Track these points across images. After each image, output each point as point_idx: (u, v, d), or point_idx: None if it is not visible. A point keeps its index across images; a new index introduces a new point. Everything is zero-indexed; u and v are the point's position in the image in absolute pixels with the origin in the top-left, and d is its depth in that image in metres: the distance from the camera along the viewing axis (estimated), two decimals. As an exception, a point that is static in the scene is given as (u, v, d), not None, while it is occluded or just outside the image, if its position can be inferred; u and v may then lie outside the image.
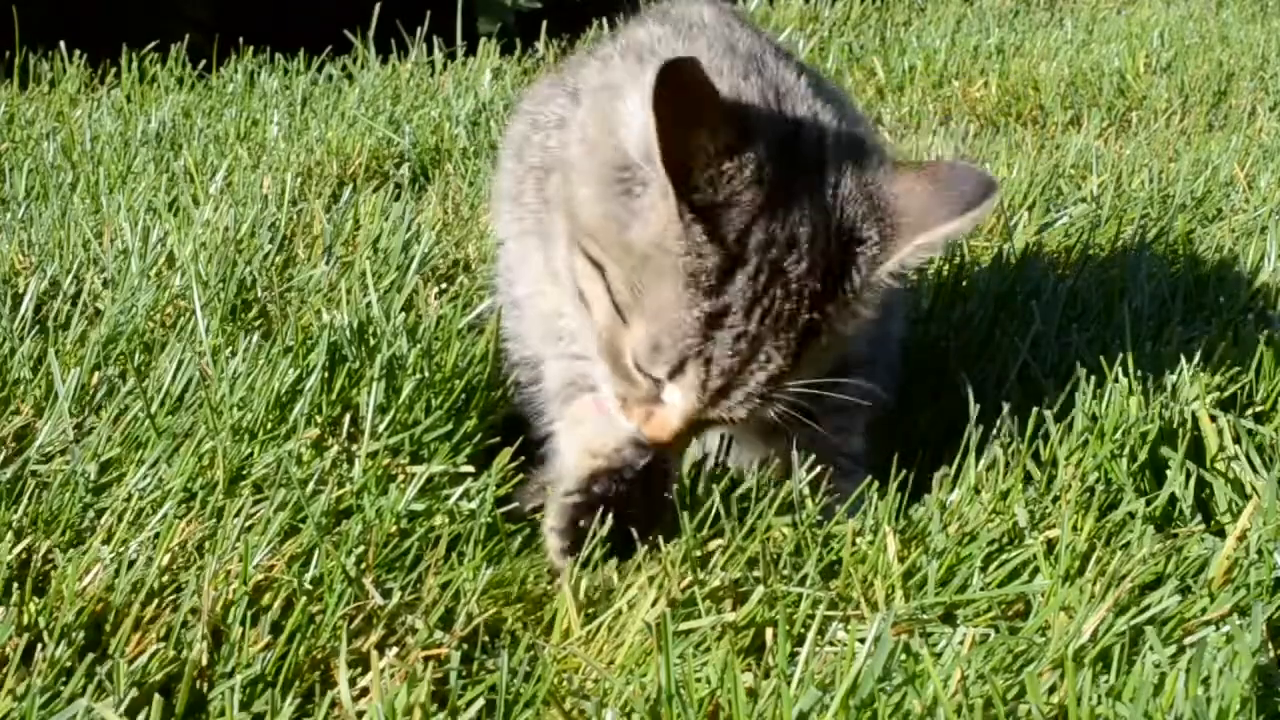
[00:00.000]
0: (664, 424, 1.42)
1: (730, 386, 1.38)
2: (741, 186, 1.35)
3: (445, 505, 1.53)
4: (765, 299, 1.35)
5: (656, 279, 1.36)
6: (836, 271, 1.37)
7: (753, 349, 1.36)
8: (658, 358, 1.37)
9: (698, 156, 1.33)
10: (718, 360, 1.36)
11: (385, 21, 3.88)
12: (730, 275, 1.35)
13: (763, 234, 1.35)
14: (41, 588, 1.39)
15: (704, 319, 1.35)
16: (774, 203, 1.35)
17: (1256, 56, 4.08)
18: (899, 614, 1.35)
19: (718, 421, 1.43)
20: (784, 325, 1.36)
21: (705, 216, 1.34)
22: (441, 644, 1.32)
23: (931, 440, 1.67)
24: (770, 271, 1.35)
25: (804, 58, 3.89)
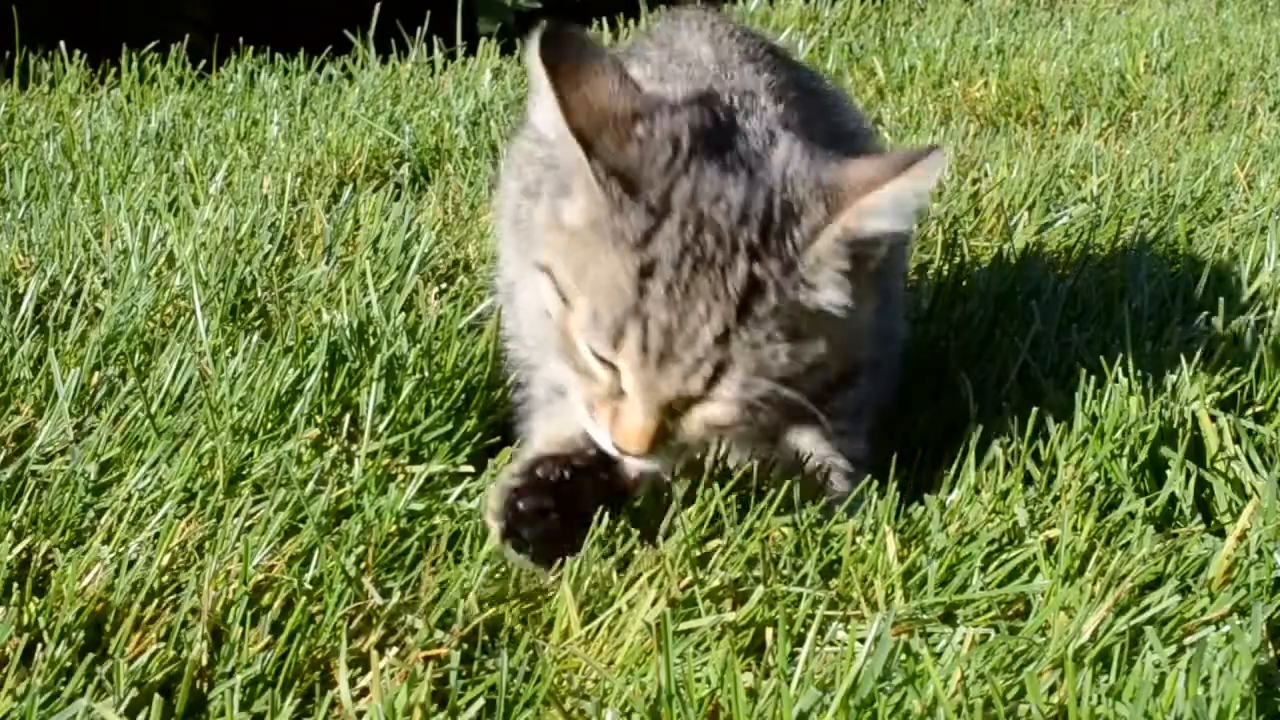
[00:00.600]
0: (630, 424, 1.37)
1: (673, 349, 1.33)
2: (656, 149, 1.35)
3: (445, 505, 1.53)
4: (696, 247, 1.33)
5: (589, 252, 1.35)
6: (777, 232, 1.34)
7: (688, 299, 1.32)
8: (598, 328, 1.35)
9: (604, 120, 1.35)
10: (654, 316, 1.33)
11: (385, 21, 3.88)
12: (656, 228, 1.33)
13: (687, 189, 1.34)
14: (41, 588, 1.39)
15: (634, 275, 1.33)
16: (699, 165, 1.35)
17: (1256, 56, 4.08)
18: (899, 614, 1.35)
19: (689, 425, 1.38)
20: (719, 275, 1.32)
21: (620, 174, 1.34)
22: (441, 644, 1.32)
23: (931, 440, 1.67)
24: (698, 220, 1.33)
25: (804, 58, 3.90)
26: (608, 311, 1.34)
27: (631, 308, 1.33)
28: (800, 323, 1.35)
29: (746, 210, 1.34)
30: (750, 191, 1.35)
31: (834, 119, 1.72)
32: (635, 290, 1.33)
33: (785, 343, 1.35)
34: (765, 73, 1.58)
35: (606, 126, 1.35)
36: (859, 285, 1.38)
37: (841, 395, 1.55)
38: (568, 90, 1.35)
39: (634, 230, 1.33)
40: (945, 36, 4.29)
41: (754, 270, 1.33)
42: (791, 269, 1.34)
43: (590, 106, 1.36)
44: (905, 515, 1.51)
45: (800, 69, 1.79)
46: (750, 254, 1.33)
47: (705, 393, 1.35)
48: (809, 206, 1.35)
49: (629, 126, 1.36)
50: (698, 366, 1.34)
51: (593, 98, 1.36)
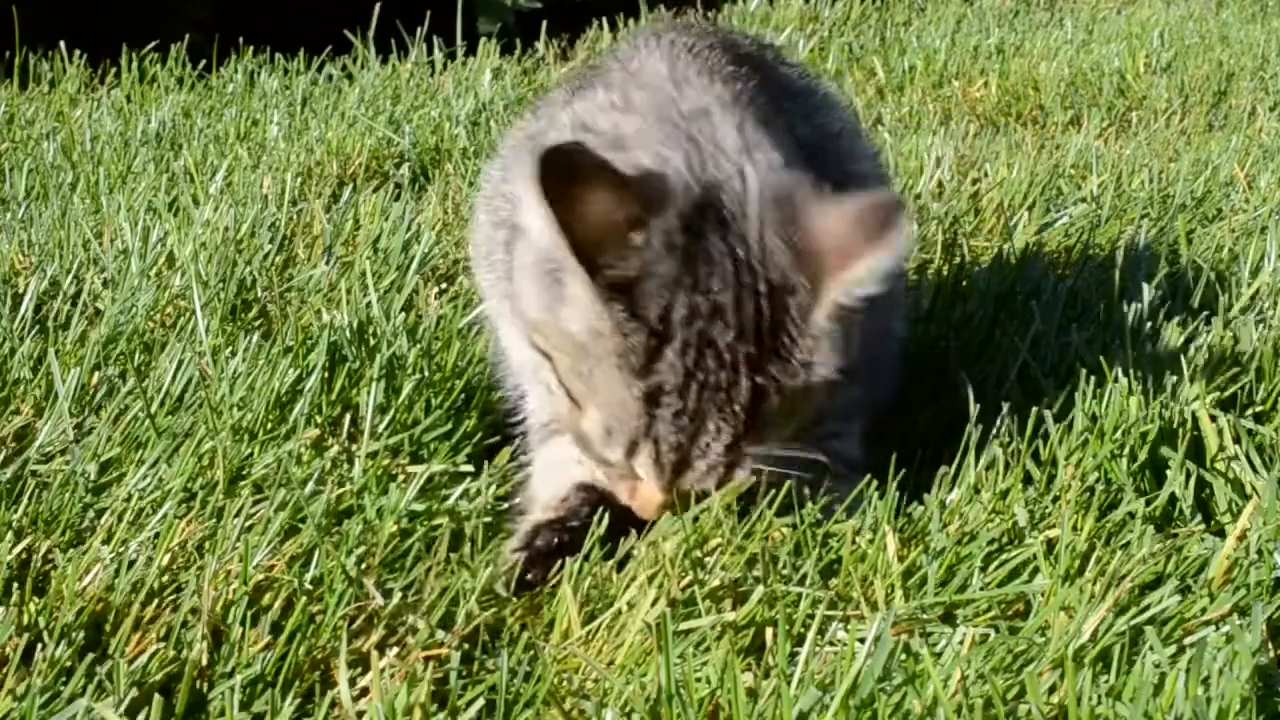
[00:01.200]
0: (649, 500, 1.42)
1: (687, 461, 1.37)
2: (654, 258, 1.34)
3: (445, 505, 1.53)
4: (699, 373, 1.34)
5: (596, 364, 1.37)
6: (770, 330, 1.35)
7: (696, 424, 1.35)
8: (611, 441, 1.38)
9: (603, 235, 1.34)
10: (664, 438, 1.36)
11: (385, 21, 3.88)
12: (659, 352, 1.34)
13: (685, 307, 1.34)
14: (41, 588, 1.39)
15: (642, 398, 1.35)
16: (692, 271, 1.35)
17: (1256, 56, 4.08)
18: (899, 614, 1.34)
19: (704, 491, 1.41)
20: (725, 396, 1.35)
21: (622, 293, 1.34)
22: (442, 644, 1.32)
23: (931, 440, 1.67)
24: (699, 344, 1.34)
25: (804, 57, 3.90)
26: (620, 429, 1.37)
27: (642, 430, 1.36)
28: (800, 398, 1.38)
29: (742, 321, 1.35)
30: (740, 293, 1.35)
31: (818, 120, 1.72)
32: (644, 414, 1.35)
33: (789, 419, 1.39)
34: (724, 84, 1.54)
35: (606, 244, 1.34)
36: (849, 338, 1.40)
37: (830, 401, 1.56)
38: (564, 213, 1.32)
39: (638, 354, 1.34)
40: (945, 36, 4.29)
41: (757, 382, 1.35)
42: (789, 363, 1.36)
43: (586, 224, 1.33)
44: (905, 515, 1.51)
45: (780, 73, 1.77)
46: (751, 368, 1.35)
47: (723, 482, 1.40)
48: (795, 286, 1.36)
49: (625, 238, 1.35)
50: (711, 471, 1.38)
51: (587, 214, 1.33)
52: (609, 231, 1.34)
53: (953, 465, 1.56)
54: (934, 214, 2.52)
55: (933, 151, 2.87)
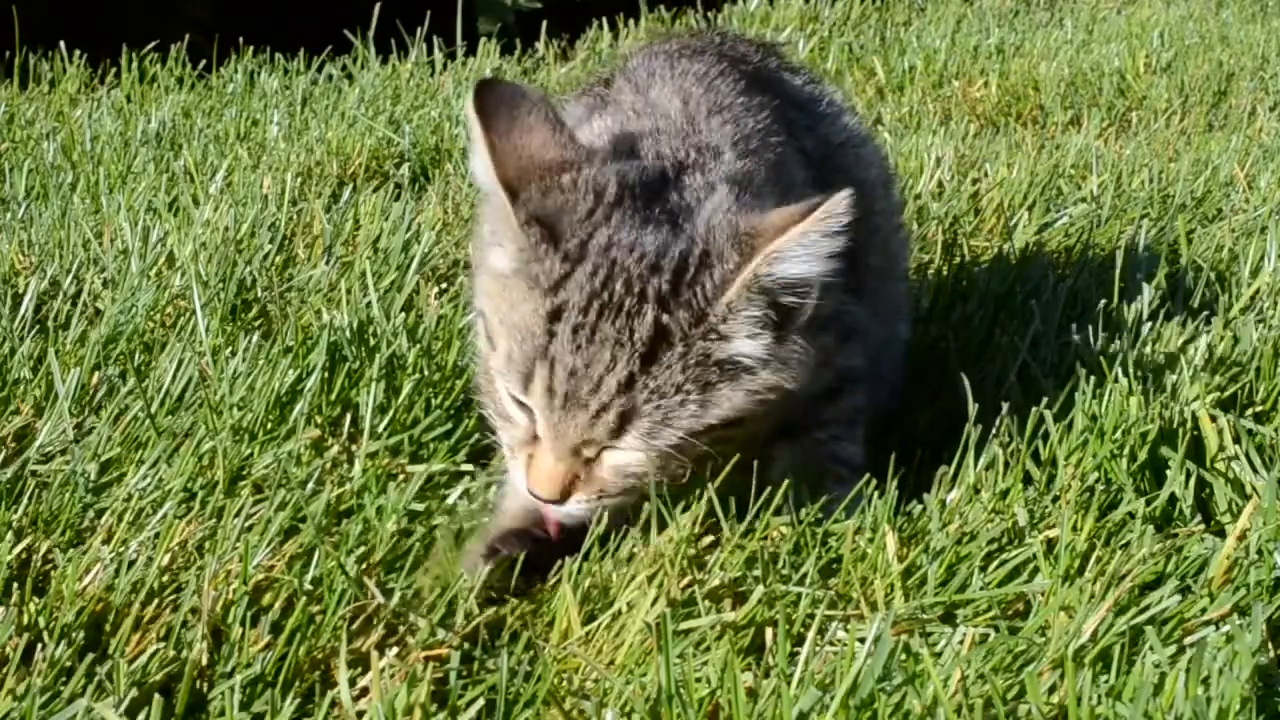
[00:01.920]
0: (541, 467, 1.39)
1: (579, 393, 1.34)
2: (579, 198, 1.37)
3: (446, 505, 1.53)
4: (604, 293, 1.34)
5: (511, 296, 1.38)
6: (689, 282, 1.35)
7: (594, 344, 1.34)
8: (511, 369, 1.38)
9: (531, 168, 1.38)
10: (560, 358, 1.34)
11: (385, 21, 3.88)
12: (570, 274, 1.35)
13: (604, 237, 1.36)
14: (41, 588, 1.39)
15: (545, 318, 1.35)
16: (620, 216, 1.37)
17: (1256, 56, 4.08)
18: (899, 614, 1.35)
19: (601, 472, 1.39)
20: (625, 322, 1.34)
21: (542, 221, 1.36)
22: (442, 644, 1.32)
23: (931, 440, 1.67)
24: (610, 267, 1.35)
25: (804, 57, 3.90)
26: (520, 353, 1.37)
27: (540, 350, 1.35)
28: (711, 374, 1.36)
29: (660, 259, 1.35)
30: (667, 241, 1.36)
31: (824, 130, 1.72)
32: (545, 333, 1.35)
33: (696, 393, 1.36)
34: (734, 124, 1.56)
35: (534, 176, 1.38)
36: (786, 336, 1.38)
37: (833, 406, 1.57)
38: (500, 140, 1.39)
39: (548, 275, 1.36)
40: (945, 36, 4.29)
41: (661, 319, 1.34)
42: (702, 319, 1.35)
43: (520, 156, 1.39)
44: (905, 514, 1.51)
45: (786, 86, 1.78)
46: (659, 303, 1.34)
47: (611, 440, 1.36)
48: (725, 254, 1.36)
49: (556, 176, 1.38)
50: (603, 412, 1.35)
51: (524, 148, 1.39)
52: (538, 167, 1.38)
53: (952, 465, 1.56)
54: (934, 214, 2.53)
55: (933, 151, 2.87)
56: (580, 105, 1.71)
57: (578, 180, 1.38)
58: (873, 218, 1.73)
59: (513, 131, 1.40)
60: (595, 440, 1.37)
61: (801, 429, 1.55)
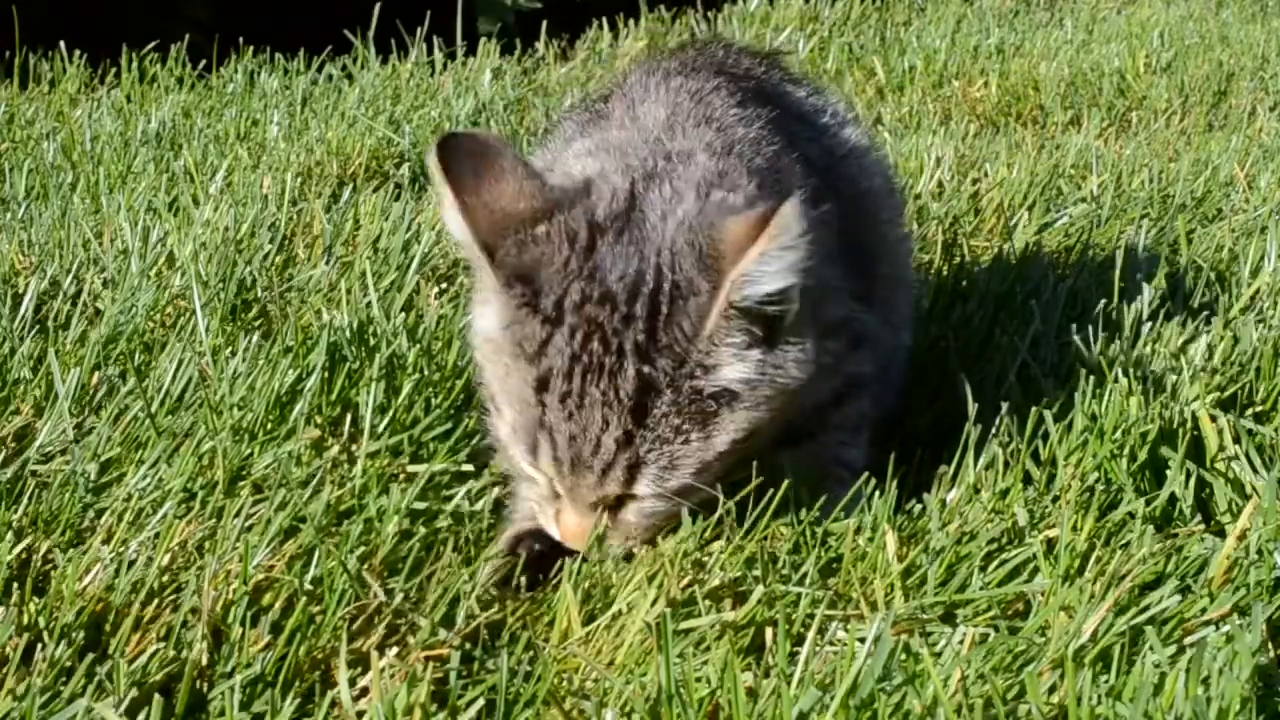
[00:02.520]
0: (568, 525, 1.41)
1: (582, 457, 1.35)
2: (554, 250, 1.36)
3: (448, 506, 1.53)
4: (584, 355, 1.33)
5: (503, 360, 1.38)
6: (665, 325, 1.34)
7: (583, 411, 1.34)
8: (517, 439, 1.38)
9: (507, 223, 1.36)
10: (555, 427, 1.35)
11: (385, 21, 3.88)
12: (550, 338, 1.34)
13: (577, 294, 1.34)
14: (41, 588, 1.39)
15: (534, 385, 1.35)
16: (590, 263, 1.35)
17: (1256, 56, 4.08)
18: (899, 613, 1.34)
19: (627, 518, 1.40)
20: (609, 382, 1.33)
21: (522, 279, 1.35)
22: (442, 643, 1.32)
23: (931, 440, 1.67)
24: (586, 328, 1.34)
25: (804, 57, 3.90)
26: (522, 425, 1.37)
27: (537, 421, 1.36)
28: (707, 405, 1.36)
29: (632, 307, 1.34)
30: (638, 282, 1.34)
31: (827, 142, 1.72)
32: (537, 403, 1.35)
33: (697, 430, 1.36)
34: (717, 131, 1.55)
35: (509, 232, 1.37)
36: (776, 343, 1.37)
37: (839, 411, 1.57)
38: (470, 198, 1.37)
39: (531, 341, 1.35)
40: (945, 36, 4.29)
41: (644, 371, 1.33)
42: (684, 360, 1.34)
43: (493, 212, 1.37)
44: (905, 514, 1.51)
45: (788, 98, 1.77)
46: (638, 355, 1.34)
47: (625, 490, 1.37)
48: (694, 284, 1.34)
49: (530, 229, 1.37)
50: (609, 470, 1.36)
51: (495, 203, 1.37)
52: (512, 220, 1.37)
53: (952, 465, 1.56)
54: (934, 214, 2.53)
55: (933, 151, 2.87)
56: (573, 122, 1.71)
57: (550, 231, 1.36)
58: (880, 226, 1.73)
59: (481, 186, 1.38)
60: (610, 495, 1.38)
61: (807, 434, 1.55)
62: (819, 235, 1.50)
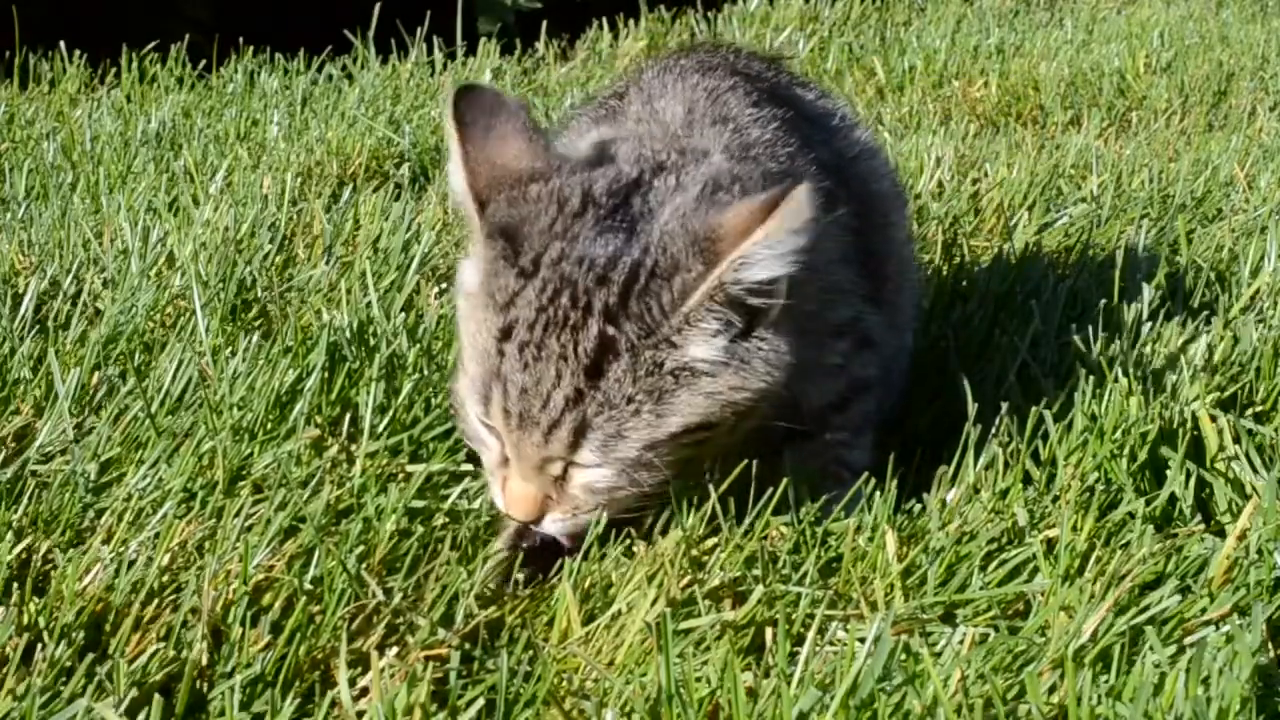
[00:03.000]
0: (512, 490, 1.39)
1: (531, 411, 1.33)
2: (541, 209, 1.35)
3: (445, 505, 1.53)
4: (550, 308, 1.32)
5: (476, 313, 1.37)
6: (641, 294, 1.33)
7: (539, 361, 1.32)
8: (473, 390, 1.37)
9: (502, 177, 1.37)
10: (510, 377, 1.33)
11: (385, 21, 3.88)
12: (521, 290, 1.34)
13: (557, 252, 1.34)
14: (41, 588, 1.39)
15: (497, 336, 1.34)
16: (577, 229, 1.35)
17: (1256, 56, 4.08)
18: (899, 613, 1.35)
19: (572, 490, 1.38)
20: (570, 336, 1.32)
21: (505, 234, 1.35)
22: (442, 643, 1.32)
23: (931, 440, 1.67)
24: (558, 282, 1.33)
25: (804, 57, 3.90)
26: (478, 372, 1.36)
27: (494, 370, 1.35)
28: (665, 382, 1.34)
29: (609, 271, 1.33)
30: (619, 251, 1.34)
31: (837, 144, 1.72)
32: (497, 353, 1.34)
33: (649, 403, 1.34)
34: (735, 130, 1.55)
35: (504, 187, 1.37)
36: (750, 336, 1.36)
37: (844, 413, 1.57)
38: (474, 150, 1.38)
39: (503, 292, 1.35)
40: (945, 36, 4.29)
41: (606, 331, 1.32)
42: (652, 331, 1.33)
43: (493, 166, 1.38)
44: (905, 514, 1.51)
45: (800, 102, 1.77)
46: (605, 316, 1.32)
47: (569, 455, 1.35)
48: (684, 262, 1.33)
49: (524, 187, 1.37)
50: (554, 428, 1.34)
51: (497, 158, 1.38)
52: (509, 177, 1.37)
53: (952, 465, 1.56)
54: (934, 214, 2.53)
55: (933, 151, 2.87)
56: (587, 118, 1.71)
57: (543, 191, 1.37)
58: (888, 229, 1.73)
59: (488, 141, 1.38)
60: (553, 456, 1.36)
61: (810, 435, 1.56)
62: (834, 238, 1.50)
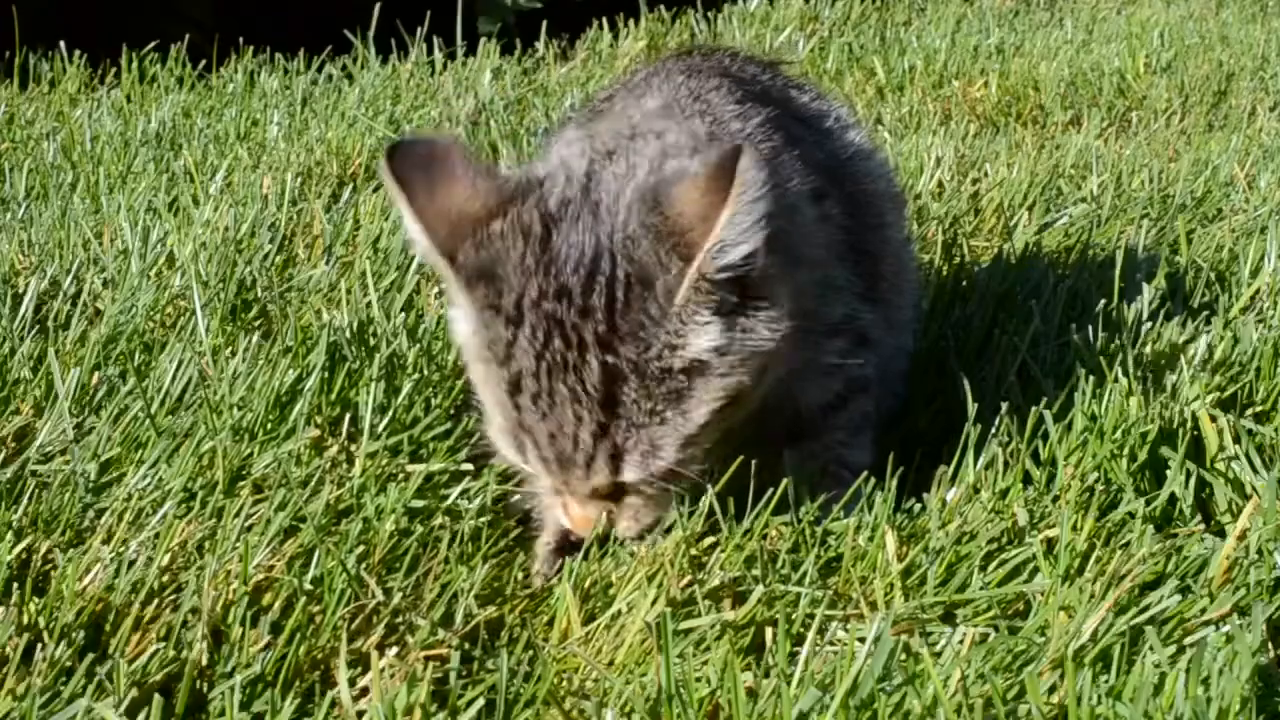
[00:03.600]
0: (574, 516, 1.41)
1: (565, 453, 1.34)
2: (508, 246, 1.34)
3: (445, 504, 1.53)
4: (547, 353, 1.32)
5: (478, 364, 1.37)
6: (624, 311, 1.32)
7: (554, 407, 1.33)
8: (506, 443, 1.38)
9: (462, 224, 1.35)
10: (533, 428, 1.34)
11: (385, 21, 3.88)
12: (514, 340, 1.34)
13: (535, 290, 1.33)
14: (41, 588, 1.39)
15: (508, 390, 1.34)
16: (545, 256, 1.34)
17: (1256, 56, 4.08)
18: (899, 613, 1.35)
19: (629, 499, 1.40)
20: (575, 377, 1.32)
21: (483, 278, 1.34)
22: (442, 643, 1.32)
23: (931, 440, 1.67)
24: (547, 325, 1.32)
25: (804, 57, 3.90)
26: (505, 427, 1.37)
27: (516, 424, 1.35)
28: (679, 381, 1.34)
29: (588, 299, 1.32)
30: (592, 271, 1.32)
31: (831, 145, 1.72)
32: (513, 407, 1.35)
33: (671, 408, 1.34)
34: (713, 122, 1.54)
35: (467, 234, 1.35)
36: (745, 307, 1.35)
37: (842, 412, 1.57)
38: (424, 205, 1.36)
39: (499, 344, 1.34)
40: (945, 36, 4.29)
41: (607, 362, 1.32)
42: (649, 344, 1.32)
43: (449, 216, 1.36)
44: (904, 513, 1.51)
45: (793, 102, 1.77)
46: (600, 346, 1.32)
47: (613, 479, 1.36)
48: (659, 263, 1.32)
49: (485, 227, 1.35)
50: (593, 463, 1.35)
51: (450, 207, 1.36)
52: (468, 222, 1.36)
53: (952, 464, 1.56)
54: (934, 214, 2.53)
55: (933, 151, 2.87)
56: (575, 122, 1.71)
57: (504, 226, 1.35)
58: (883, 228, 1.73)
59: (435, 192, 1.36)
60: (600, 486, 1.38)
61: (809, 435, 1.55)
62: (822, 231, 1.50)
